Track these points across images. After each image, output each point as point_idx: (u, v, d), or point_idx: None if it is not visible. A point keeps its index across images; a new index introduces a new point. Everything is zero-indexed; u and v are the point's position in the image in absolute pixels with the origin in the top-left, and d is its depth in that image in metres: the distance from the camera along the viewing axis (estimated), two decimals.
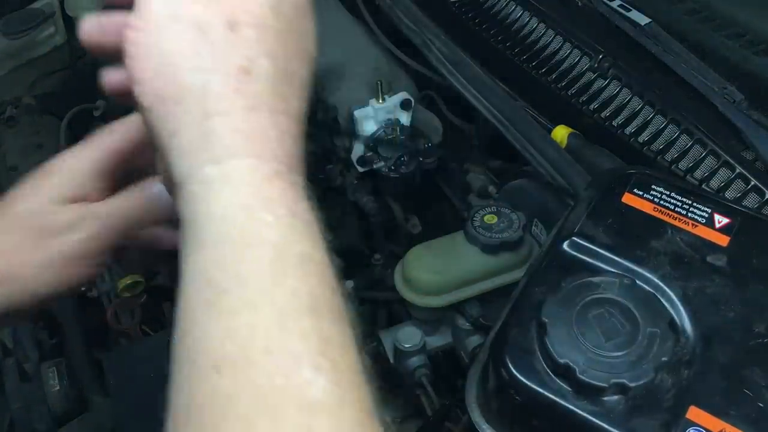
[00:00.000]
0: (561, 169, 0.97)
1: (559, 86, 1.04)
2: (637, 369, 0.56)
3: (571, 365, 0.56)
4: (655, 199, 0.70)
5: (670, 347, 0.58)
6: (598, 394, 0.56)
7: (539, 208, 1.06)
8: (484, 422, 0.62)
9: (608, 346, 0.57)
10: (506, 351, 0.60)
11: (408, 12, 1.30)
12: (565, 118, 1.03)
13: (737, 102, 0.87)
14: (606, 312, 0.59)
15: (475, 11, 1.22)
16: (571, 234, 0.67)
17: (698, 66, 0.92)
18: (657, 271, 0.64)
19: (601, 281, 0.62)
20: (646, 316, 0.59)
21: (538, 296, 0.63)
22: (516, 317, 0.62)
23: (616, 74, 0.99)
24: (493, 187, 1.21)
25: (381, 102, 1.19)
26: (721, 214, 0.68)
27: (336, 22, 1.47)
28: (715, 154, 0.86)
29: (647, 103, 0.94)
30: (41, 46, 1.60)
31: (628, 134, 0.95)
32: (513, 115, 1.06)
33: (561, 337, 0.58)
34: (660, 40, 0.96)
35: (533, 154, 1.01)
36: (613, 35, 1.02)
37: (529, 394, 0.58)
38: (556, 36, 1.09)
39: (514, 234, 1.00)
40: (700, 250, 0.66)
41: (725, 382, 0.57)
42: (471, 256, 1.01)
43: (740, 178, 0.83)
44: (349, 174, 1.33)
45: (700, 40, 0.96)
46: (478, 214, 1.03)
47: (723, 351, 0.59)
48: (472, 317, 1.02)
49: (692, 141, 0.89)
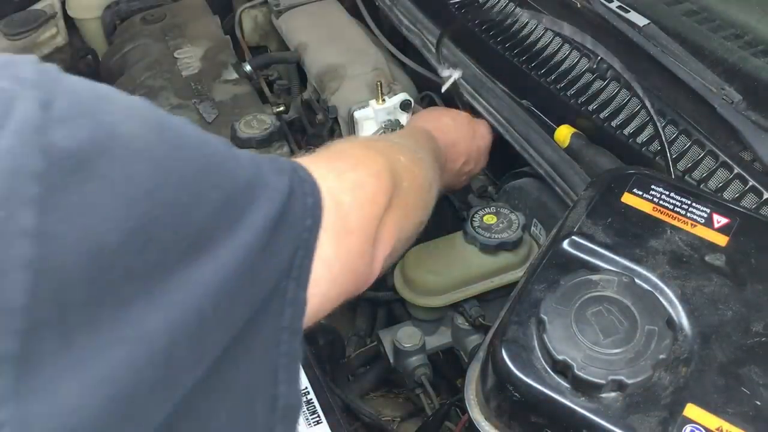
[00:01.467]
0: (560, 169, 0.97)
1: (558, 87, 1.05)
2: (635, 366, 0.56)
3: (569, 362, 0.56)
4: (654, 198, 0.71)
5: (668, 345, 0.58)
6: (595, 391, 0.56)
7: (539, 208, 1.07)
8: (483, 419, 0.63)
9: (606, 344, 0.58)
10: (505, 348, 0.60)
11: (408, 13, 1.30)
12: (564, 118, 1.03)
13: (735, 103, 0.88)
14: (604, 309, 0.60)
15: (474, 12, 1.22)
16: (571, 233, 0.68)
17: (696, 67, 0.92)
18: (656, 269, 0.64)
19: (600, 279, 0.62)
20: (644, 314, 0.59)
21: (537, 294, 0.63)
22: (515, 315, 0.63)
23: (615, 75, 1.00)
24: (493, 187, 1.22)
25: (381, 103, 1.19)
26: (720, 214, 0.69)
27: (336, 23, 1.48)
28: (714, 155, 0.86)
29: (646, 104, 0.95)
30: (43, 48, 1.60)
31: (627, 135, 0.95)
32: (512, 115, 1.07)
33: (559, 334, 0.58)
34: (658, 42, 0.96)
35: (533, 155, 1.02)
36: (612, 36, 1.02)
37: (527, 390, 0.58)
38: (555, 37, 1.09)
39: (513, 234, 1.00)
40: (698, 249, 0.66)
41: (723, 380, 0.57)
42: (470, 257, 1.02)
43: (738, 179, 0.84)
44: None
45: (698, 42, 0.96)
46: (477, 214, 1.03)
47: (721, 349, 0.59)
48: (472, 317, 1.02)
49: (691, 142, 0.89)
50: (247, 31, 1.67)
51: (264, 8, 1.65)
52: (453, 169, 0.98)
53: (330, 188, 0.56)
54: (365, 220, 0.61)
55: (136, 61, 1.45)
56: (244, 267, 0.45)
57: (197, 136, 0.47)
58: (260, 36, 1.68)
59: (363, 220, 0.60)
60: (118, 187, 0.37)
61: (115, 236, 0.36)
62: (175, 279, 0.40)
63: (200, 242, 0.42)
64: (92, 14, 1.68)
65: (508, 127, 1.07)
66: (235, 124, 1.20)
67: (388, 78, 1.29)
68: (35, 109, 0.35)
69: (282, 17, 1.53)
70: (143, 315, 0.38)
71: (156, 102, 1.30)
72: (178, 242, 0.40)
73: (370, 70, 1.31)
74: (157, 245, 0.39)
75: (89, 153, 0.36)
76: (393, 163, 0.68)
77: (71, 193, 0.35)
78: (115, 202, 0.37)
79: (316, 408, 0.87)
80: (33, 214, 0.33)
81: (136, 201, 0.38)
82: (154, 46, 1.47)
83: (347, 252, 0.58)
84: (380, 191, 0.63)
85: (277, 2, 1.54)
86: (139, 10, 1.64)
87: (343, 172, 0.60)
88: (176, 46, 1.46)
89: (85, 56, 1.67)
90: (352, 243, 0.59)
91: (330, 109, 1.28)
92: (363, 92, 1.26)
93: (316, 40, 1.42)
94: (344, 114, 1.26)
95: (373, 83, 1.23)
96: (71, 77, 0.39)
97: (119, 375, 0.36)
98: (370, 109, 1.21)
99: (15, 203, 0.33)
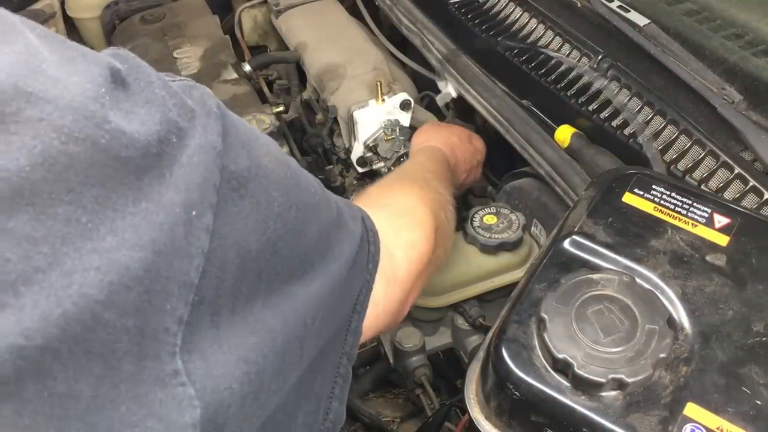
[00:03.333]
0: (560, 169, 0.97)
1: (559, 87, 1.05)
2: (635, 365, 0.56)
3: (569, 360, 0.56)
4: (655, 198, 0.71)
5: (669, 344, 0.58)
6: (596, 390, 0.56)
7: (539, 208, 1.06)
8: (483, 418, 0.62)
9: (607, 342, 0.58)
10: (505, 347, 0.60)
11: (408, 13, 1.30)
12: (564, 118, 1.03)
13: (736, 103, 0.88)
14: (605, 308, 0.60)
15: (474, 12, 1.22)
16: (572, 232, 0.68)
17: (697, 67, 0.92)
18: (656, 269, 0.64)
19: (601, 278, 0.62)
20: (644, 313, 0.59)
21: (537, 293, 0.63)
22: (515, 314, 0.62)
23: (616, 75, 1.00)
24: (493, 187, 1.22)
25: (381, 103, 1.19)
26: (720, 214, 0.69)
27: (336, 23, 1.48)
28: (714, 155, 0.86)
29: (646, 104, 0.95)
30: None
31: (627, 135, 0.95)
32: (512, 115, 1.07)
33: (560, 333, 0.58)
34: (659, 41, 0.96)
35: (533, 155, 1.02)
36: (613, 36, 1.02)
37: (527, 389, 0.58)
38: (556, 37, 1.09)
39: (513, 234, 1.00)
40: (699, 249, 0.66)
41: (723, 380, 0.57)
42: (470, 257, 1.01)
43: (739, 179, 0.83)
44: (349, 174, 1.34)
45: (698, 41, 0.96)
46: (477, 214, 1.03)
47: (721, 349, 0.59)
48: (472, 317, 1.02)
49: (691, 142, 0.89)
50: (247, 30, 1.67)
51: (264, 8, 1.65)
52: (456, 183, 1.06)
53: (387, 242, 0.66)
54: (410, 274, 0.71)
55: None
56: (334, 291, 0.55)
57: (305, 175, 0.56)
58: (260, 36, 1.68)
59: (408, 273, 0.71)
60: (261, 206, 0.47)
61: (255, 244, 0.46)
62: (287, 289, 0.50)
63: (305, 264, 0.52)
64: (91, 14, 1.68)
65: (508, 127, 1.07)
66: None
67: (387, 78, 1.29)
68: (218, 137, 0.45)
69: (282, 17, 1.53)
70: (266, 313, 0.47)
71: None
72: (291, 260, 0.50)
73: (369, 70, 1.31)
74: (278, 258, 0.48)
75: (246, 177, 0.46)
76: (438, 223, 0.78)
77: (232, 205, 0.45)
78: (258, 217, 0.47)
79: None
80: (211, 216, 0.42)
81: (271, 219, 0.48)
82: (153, 45, 1.47)
83: (391, 297, 0.68)
84: (426, 253, 0.74)
85: (276, 2, 1.54)
86: (139, 9, 1.64)
87: (399, 230, 0.71)
88: (175, 45, 1.46)
89: None
90: (396, 290, 0.69)
91: (330, 109, 1.28)
92: (363, 92, 1.26)
93: (316, 39, 1.42)
94: (344, 114, 1.26)
95: (373, 83, 1.23)
96: (232, 114, 0.49)
97: (252, 358, 0.45)
98: (369, 108, 1.21)
99: (204, 206, 0.42)
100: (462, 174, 1.09)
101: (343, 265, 0.57)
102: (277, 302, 0.48)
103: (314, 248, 0.53)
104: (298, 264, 0.51)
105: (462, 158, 1.08)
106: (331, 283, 0.55)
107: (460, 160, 1.08)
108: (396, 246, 0.69)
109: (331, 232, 0.56)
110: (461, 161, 1.08)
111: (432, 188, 0.83)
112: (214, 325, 0.43)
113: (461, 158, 1.08)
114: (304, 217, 0.52)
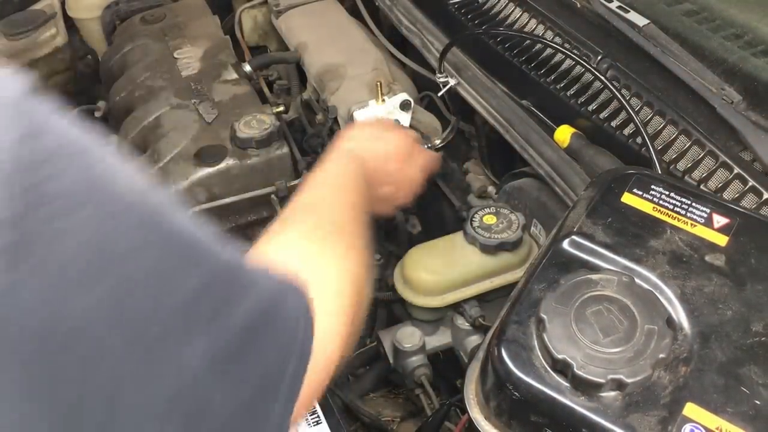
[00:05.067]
0: (560, 169, 0.97)
1: (558, 87, 1.05)
2: (635, 365, 0.56)
3: (568, 361, 0.56)
4: (654, 198, 0.71)
5: (668, 344, 0.58)
6: (595, 390, 0.56)
7: (539, 208, 1.07)
8: (482, 419, 0.63)
9: (606, 343, 0.58)
10: (504, 347, 0.60)
11: (407, 13, 1.30)
12: (564, 118, 1.03)
13: (735, 103, 0.88)
14: (604, 309, 0.60)
15: (474, 12, 1.22)
16: (571, 232, 0.68)
17: (696, 67, 0.92)
18: (655, 269, 0.64)
19: (600, 278, 0.62)
20: (644, 314, 0.59)
21: (537, 293, 0.63)
22: (515, 314, 0.63)
23: (615, 75, 1.00)
24: (493, 187, 1.22)
25: (381, 103, 1.19)
26: (720, 214, 0.69)
27: (336, 23, 1.48)
28: (714, 155, 0.86)
29: (646, 104, 0.95)
30: (42, 48, 1.60)
31: (627, 135, 0.95)
32: (512, 115, 1.07)
33: (559, 334, 0.58)
34: (658, 42, 0.96)
35: (533, 155, 1.02)
36: (612, 36, 1.02)
37: (526, 390, 0.58)
38: (555, 37, 1.09)
39: (512, 234, 1.00)
40: (698, 249, 0.66)
41: (722, 380, 0.57)
42: (470, 257, 1.01)
43: (738, 179, 0.83)
44: None
45: (698, 42, 0.96)
46: (477, 214, 1.03)
47: (720, 349, 0.59)
48: (471, 317, 1.02)
49: (691, 142, 0.89)
50: (247, 31, 1.67)
51: (264, 8, 1.65)
52: (372, 194, 0.87)
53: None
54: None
55: (136, 62, 1.45)
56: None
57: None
58: (260, 36, 1.69)
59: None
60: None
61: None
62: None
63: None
64: (92, 14, 1.68)
65: (508, 127, 1.07)
66: (235, 125, 1.20)
67: (387, 78, 1.29)
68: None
69: (282, 17, 1.53)
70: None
71: (156, 102, 1.31)
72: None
73: (369, 70, 1.31)
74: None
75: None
76: (358, 291, 0.64)
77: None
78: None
79: (316, 408, 0.87)
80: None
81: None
82: (153, 46, 1.47)
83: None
84: (337, 350, 0.59)
85: (276, 2, 1.54)
86: (139, 10, 1.64)
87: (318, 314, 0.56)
88: (176, 46, 1.46)
89: (85, 56, 1.67)
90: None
91: (330, 109, 1.28)
92: (363, 92, 1.26)
93: (316, 40, 1.42)
94: (344, 114, 1.26)
95: (373, 83, 1.23)
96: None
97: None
98: (369, 108, 1.21)
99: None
100: (382, 186, 0.92)
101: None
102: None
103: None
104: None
105: (384, 168, 0.92)
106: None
107: (380, 169, 0.91)
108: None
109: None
110: (381, 171, 0.91)
111: (359, 243, 0.70)
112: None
113: (382, 168, 0.91)
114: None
